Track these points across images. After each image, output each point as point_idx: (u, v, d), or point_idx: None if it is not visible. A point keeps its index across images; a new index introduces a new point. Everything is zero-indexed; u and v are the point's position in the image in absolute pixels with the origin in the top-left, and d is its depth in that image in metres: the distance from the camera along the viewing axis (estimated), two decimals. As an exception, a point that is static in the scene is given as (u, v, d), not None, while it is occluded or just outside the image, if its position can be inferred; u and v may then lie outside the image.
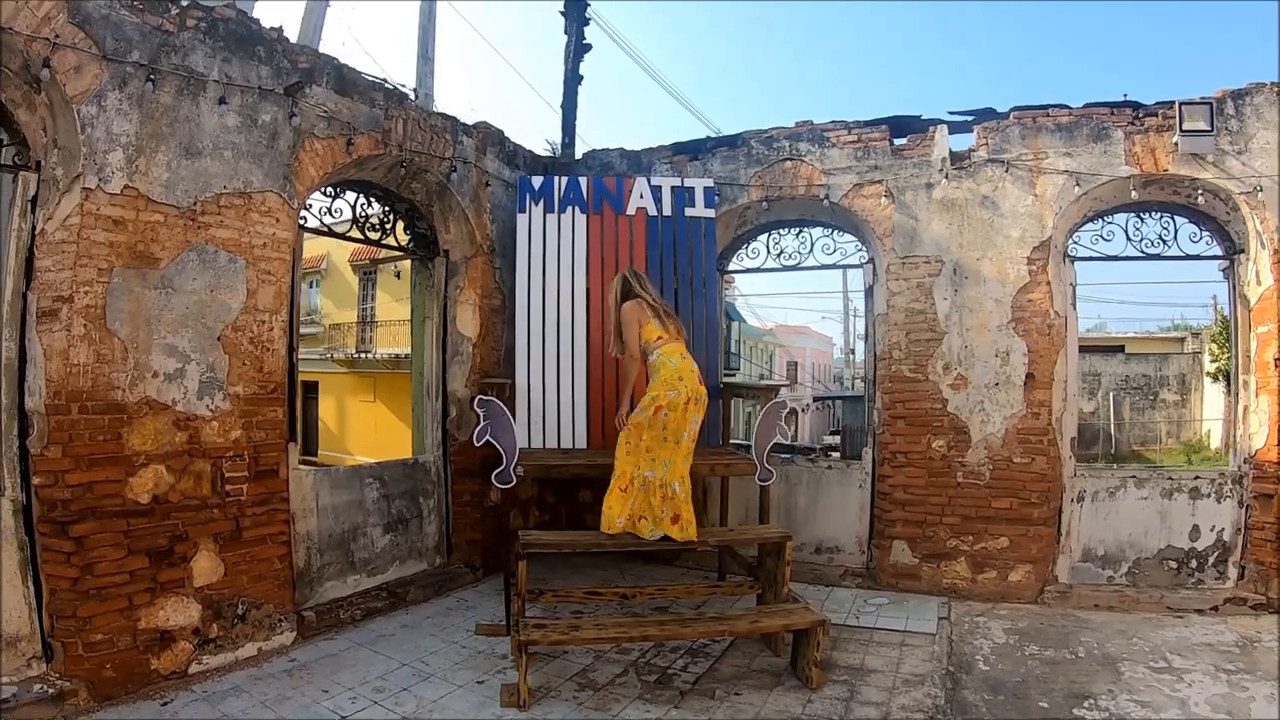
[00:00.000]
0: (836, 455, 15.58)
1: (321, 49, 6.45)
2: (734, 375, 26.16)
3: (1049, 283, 6.20)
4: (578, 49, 8.72)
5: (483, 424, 5.32)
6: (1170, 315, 62.06)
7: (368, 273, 23.67)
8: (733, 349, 29.56)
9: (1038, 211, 6.24)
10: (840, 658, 5.01)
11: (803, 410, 27.14)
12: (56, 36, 4.05)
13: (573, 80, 8.71)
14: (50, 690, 3.97)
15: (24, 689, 3.93)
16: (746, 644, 5.25)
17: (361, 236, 6.30)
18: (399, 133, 5.95)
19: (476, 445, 5.47)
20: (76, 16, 4.13)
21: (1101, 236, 6.48)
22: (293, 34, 6.24)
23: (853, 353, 38.92)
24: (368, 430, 22.24)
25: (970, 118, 6.55)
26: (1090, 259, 6.53)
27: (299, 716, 4.12)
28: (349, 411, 23.71)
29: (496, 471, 5.29)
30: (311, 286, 25.38)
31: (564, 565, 6.76)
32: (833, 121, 6.82)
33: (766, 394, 6.04)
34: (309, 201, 5.76)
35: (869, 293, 6.94)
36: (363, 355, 22.76)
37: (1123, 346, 30.29)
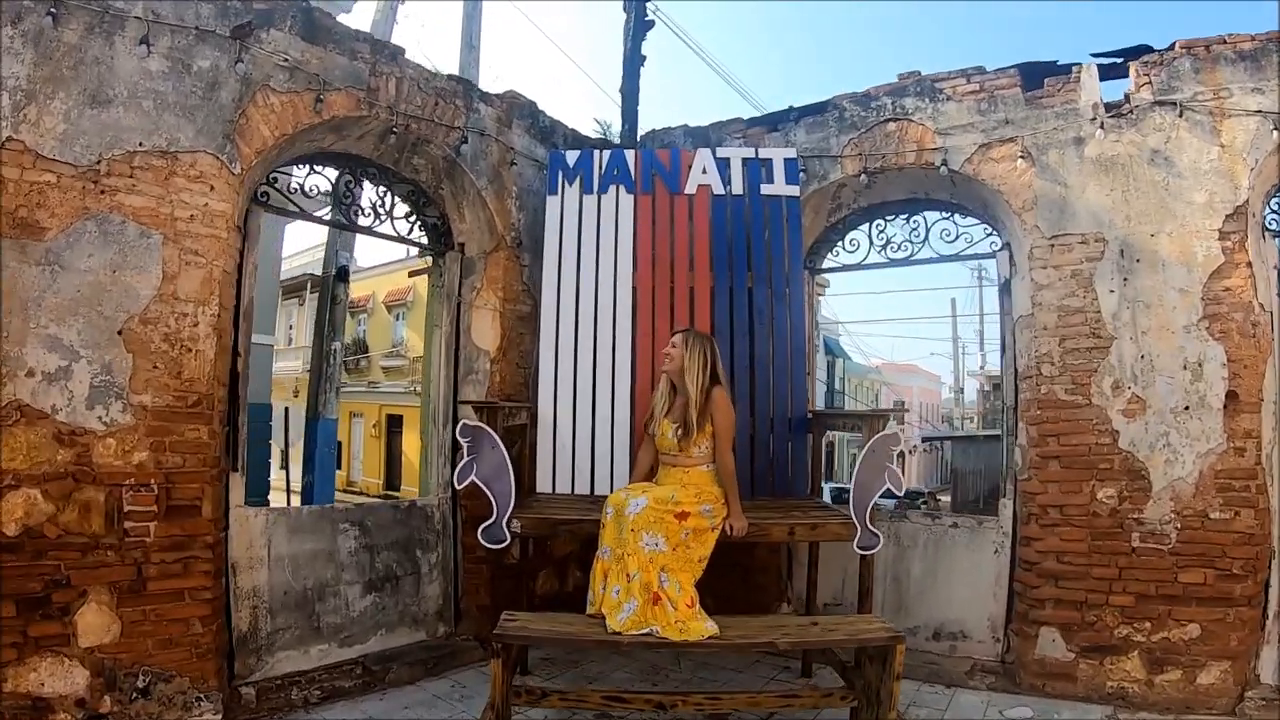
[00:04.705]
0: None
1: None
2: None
3: (1249, 264, 4.75)
4: (639, 25, 7.85)
5: (466, 459, 4.33)
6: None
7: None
8: (837, 386, 29.40)
9: (1226, 167, 4.81)
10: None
11: (909, 452, 25.05)
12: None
13: (633, 60, 7.84)
14: None
15: None
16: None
17: (346, 221, 5.45)
18: (389, 93, 5.08)
19: (458, 487, 4.51)
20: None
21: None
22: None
23: (961, 391, 37.81)
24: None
25: (1118, 59, 5.23)
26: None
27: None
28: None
29: (484, 526, 4.33)
30: (398, 319, 25.68)
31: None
32: (946, 71, 5.62)
33: (871, 424, 4.73)
34: (274, 176, 5.00)
35: (1004, 290, 5.54)
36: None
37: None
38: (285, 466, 10.85)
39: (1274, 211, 5.09)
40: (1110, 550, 4.89)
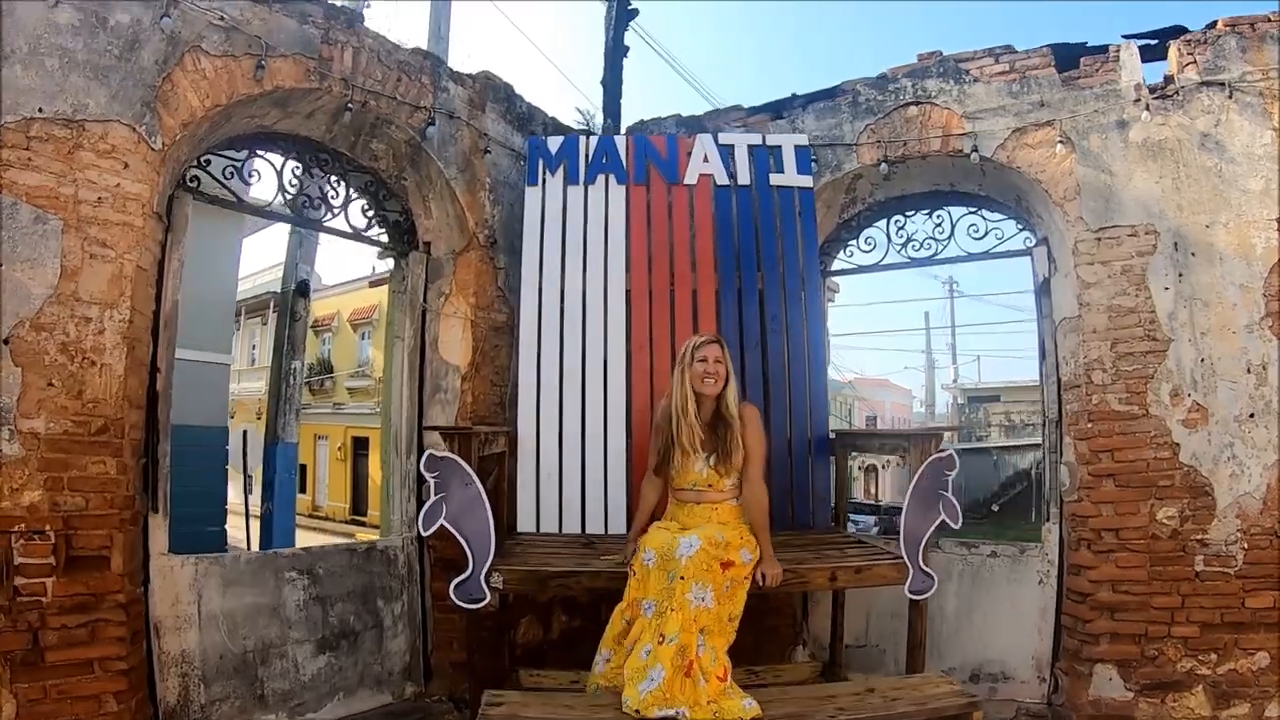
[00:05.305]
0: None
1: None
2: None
3: None
4: (620, 14, 7.32)
5: (433, 498, 3.57)
6: None
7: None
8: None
9: None
10: None
11: (883, 467, 24.76)
12: None
13: (616, 51, 7.29)
14: None
15: None
16: None
17: (292, 214, 4.69)
18: (344, 63, 4.39)
19: (424, 533, 3.83)
20: None
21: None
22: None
23: (933, 405, 38.76)
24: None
25: (1151, 40, 4.87)
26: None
27: None
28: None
29: (457, 582, 3.58)
30: (364, 338, 24.99)
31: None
32: (971, 51, 5.13)
33: (922, 446, 4.06)
34: (208, 159, 4.27)
35: (1042, 290, 5.01)
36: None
37: None
38: (247, 491, 10.03)
39: (1330, 200, 4.71)
40: (1172, 576, 4.45)
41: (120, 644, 3.44)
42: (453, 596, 3.60)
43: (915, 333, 47.41)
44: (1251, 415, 4.41)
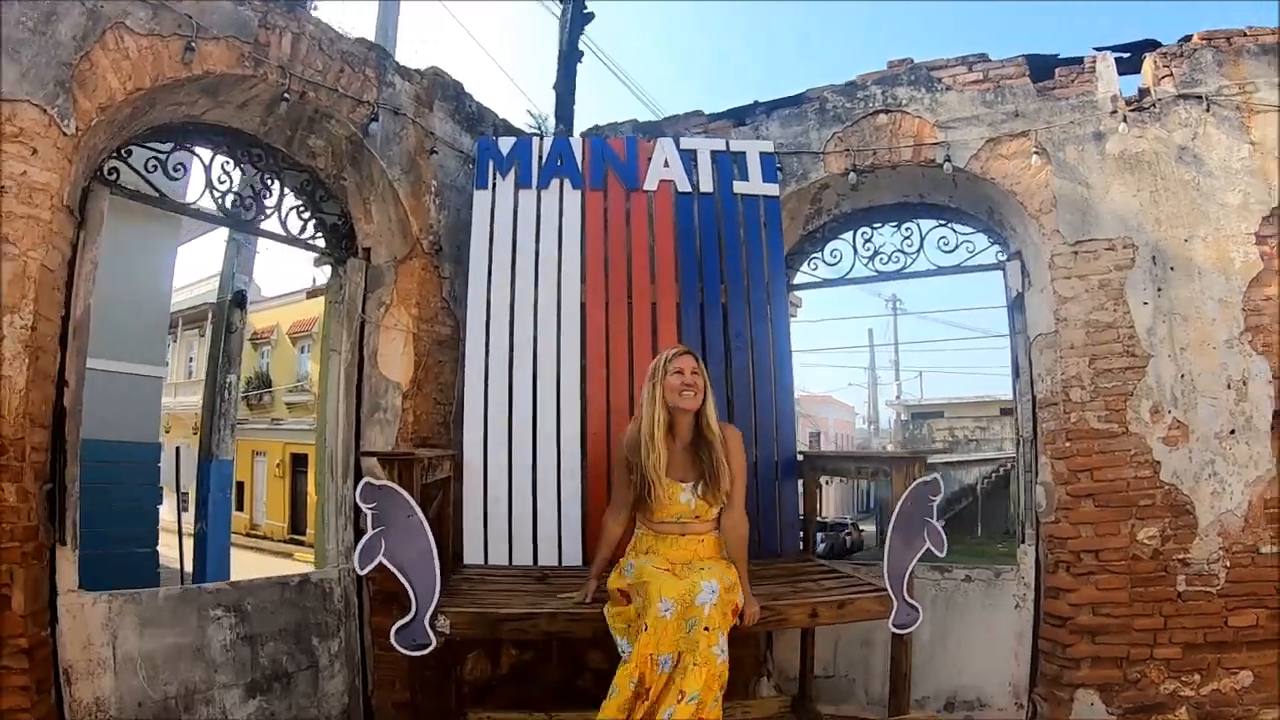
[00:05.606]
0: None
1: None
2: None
3: None
4: (576, 18, 7.15)
5: (371, 533, 3.17)
6: None
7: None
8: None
9: (1259, 166, 4.46)
10: None
11: (826, 482, 24.84)
12: None
13: (570, 55, 7.12)
14: None
15: None
16: None
17: (220, 213, 4.30)
18: (282, 50, 4.04)
19: (361, 572, 3.41)
20: None
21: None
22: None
23: (876, 422, 39.28)
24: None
25: (1124, 53, 4.85)
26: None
27: None
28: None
29: (399, 626, 3.21)
30: (303, 352, 24.49)
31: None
32: (944, 59, 5.01)
33: (905, 470, 3.80)
34: (128, 149, 3.88)
35: (1016, 305, 4.89)
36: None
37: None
38: (180, 510, 9.54)
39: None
40: (1153, 597, 4.39)
41: (24, 694, 3.03)
42: (395, 643, 3.22)
43: (859, 350, 47.97)
44: (1232, 431, 4.36)
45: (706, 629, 2.91)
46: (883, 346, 40.78)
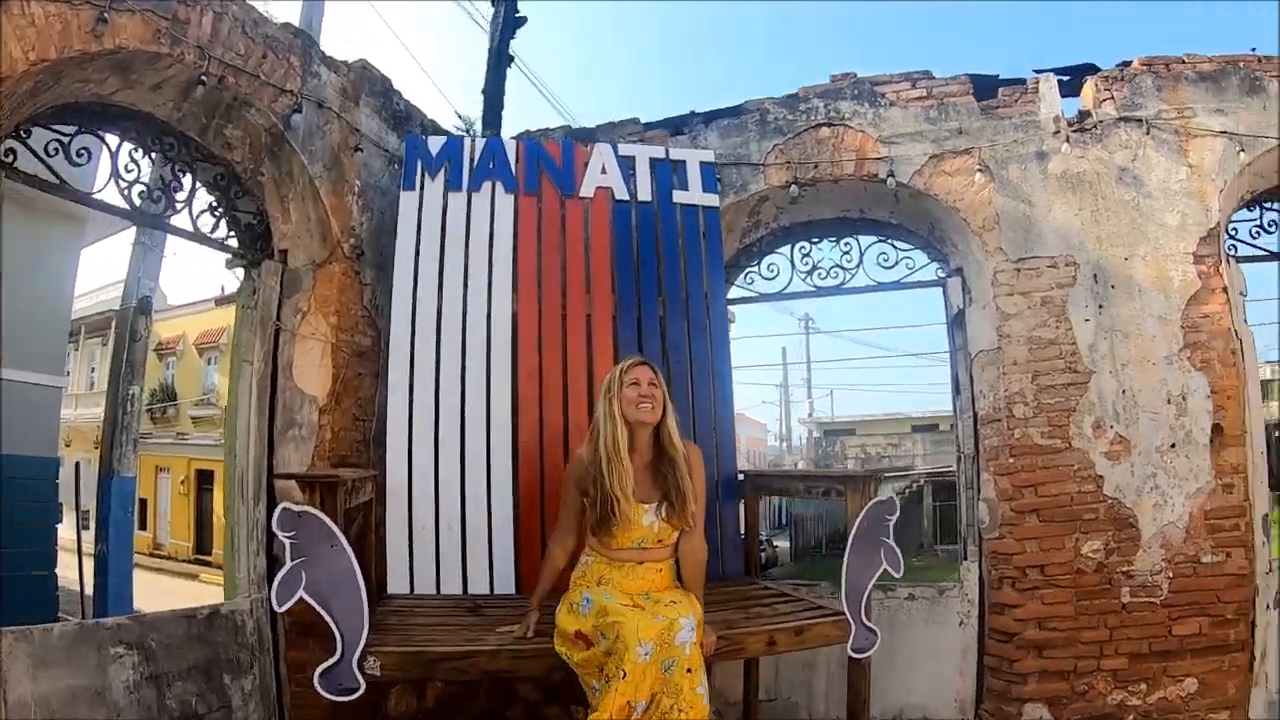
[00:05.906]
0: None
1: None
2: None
3: (1225, 289, 4.56)
4: (508, 21, 6.99)
5: (289, 565, 2.87)
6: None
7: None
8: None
9: (1196, 188, 4.63)
10: None
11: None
12: None
13: (500, 59, 6.97)
14: None
15: None
16: None
17: (125, 205, 3.93)
18: (203, 29, 3.72)
19: (279, 609, 3.12)
20: None
21: (1262, 228, 5.02)
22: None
23: (787, 441, 40.11)
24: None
25: (1065, 76, 4.96)
26: (1253, 258, 5.03)
27: None
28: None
29: (323, 669, 2.89)
30: (210, 363, 23.65)
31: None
32: (887, 74, 5.01)
33: (861, 489, 3.64)
34: (27, 130, 3.50)
35: (956, 322, 4.90)
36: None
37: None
38: (80, 529, 9.13)
39: (1232, 237, 4.99)
40: (1099, 610, 4.45)
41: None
42: (318, 688, 2.90)
43: (772, 368, 48.19)
44: (1173, 445, 4.46)
45: (689, 670, 2.69)
46: (795, 364, 41.15)
